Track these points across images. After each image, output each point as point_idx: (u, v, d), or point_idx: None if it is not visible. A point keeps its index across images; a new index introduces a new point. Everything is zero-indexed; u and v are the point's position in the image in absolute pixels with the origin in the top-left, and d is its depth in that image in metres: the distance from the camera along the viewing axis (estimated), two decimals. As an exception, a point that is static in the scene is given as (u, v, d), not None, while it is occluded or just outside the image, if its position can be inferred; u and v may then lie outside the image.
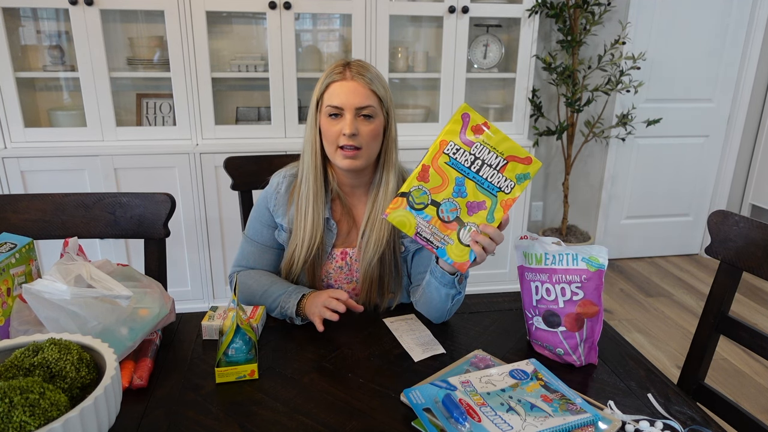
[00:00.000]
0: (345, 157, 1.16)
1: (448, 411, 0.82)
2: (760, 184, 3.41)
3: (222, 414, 0.88)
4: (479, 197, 0.96)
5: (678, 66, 3.15)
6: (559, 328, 1.02)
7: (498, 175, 0.96)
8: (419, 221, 0.98)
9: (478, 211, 0.96)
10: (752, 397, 2.15)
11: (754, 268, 1.07)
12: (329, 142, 1.17)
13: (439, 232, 0.97)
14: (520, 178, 0.96)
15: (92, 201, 1.31)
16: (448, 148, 0.97)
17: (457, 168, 0.96)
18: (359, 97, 1.14)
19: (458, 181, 0.96)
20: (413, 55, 2.72)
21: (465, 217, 0.97)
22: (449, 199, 0.97)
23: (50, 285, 0.89)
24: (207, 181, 2.43)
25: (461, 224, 0.97)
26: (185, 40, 2.36)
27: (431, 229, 0.97)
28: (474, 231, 0.97)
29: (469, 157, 0.96)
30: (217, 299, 2.61)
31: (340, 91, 1.15)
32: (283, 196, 1.26)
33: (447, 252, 0.98)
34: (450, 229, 0.97)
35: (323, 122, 1.18)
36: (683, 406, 0.92)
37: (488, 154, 0.96)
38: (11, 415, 0.62)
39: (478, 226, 0.97)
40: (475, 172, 0.96)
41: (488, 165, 0.96)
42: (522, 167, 0.96)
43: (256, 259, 1.30)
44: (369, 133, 1.16)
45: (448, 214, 0.97)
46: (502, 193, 0.96)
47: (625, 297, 2.99)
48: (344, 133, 1.14)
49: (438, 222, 0.97)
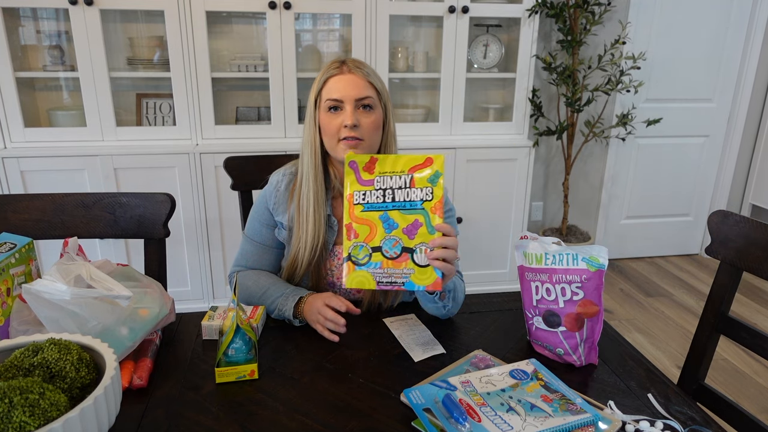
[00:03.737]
0: (348, 147, 1.15)
1: (448, 411, 0.81)
2: (760, 184, 3.41)
3: (222, 414, 0.88)
4: (410, 219, 0.97)
5: (678, 66, 3.15)
6: (559, 328, 1.02)
7: (412, 190, 0.97)
8: (373, 272, 0.98)
9: (417, 230, 0.97)
10: (752, 397, 2.15)
11: (754, 268, 1.07)
12: (330, 135, 1.17)
13: (396, 270, 0.98)
14: (433, 180, 0.97)
15: (92, 201, 1.31)
16: (356, 198, 0.99)
17: (374, 208, 0.98)
18: (358, 89, 1.15)
19: (383, 218, 0.98)
20: (413, 55, 2.72)
21: (410, 243, 0.98)
22: (385, 237, 0.98)
23: (50, 285, 0.89)
24: (207, 181, 2.43)
25: (410, 251, 0.98)
26: (185, 40, 2.36)
27: (387, 272, 0.98)
28: (425, 250, 0.97)
29: (377, 194, 0.98)
30: (217, 299, 2.61)
31: (339, 84, 1.15)
32: (282, 194, 1.26)
33: (414, 282, 0.98)
34: (403, 261, 0.98)
35: (323, 117, 1.18)
36: (683, 406, 0.92)
37: (391, 180, 0.97)
38: (11, 415, 0.62)
39: (426, 243, 0.98)
40: (391, 201, 0.97)
41: (398, 188, 0.97)
42: (428, 170, 0.97)
43: (256, 259, 1.30)
44: (370, 125, 1.16)
45: (393, 251, 0.97)
46: (427, 203, 0.97)
47: (625, 297, 2.99)
48: (345, 124, 1.14)
49: (389, 262, 0.98)
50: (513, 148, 2.67)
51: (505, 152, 2.67)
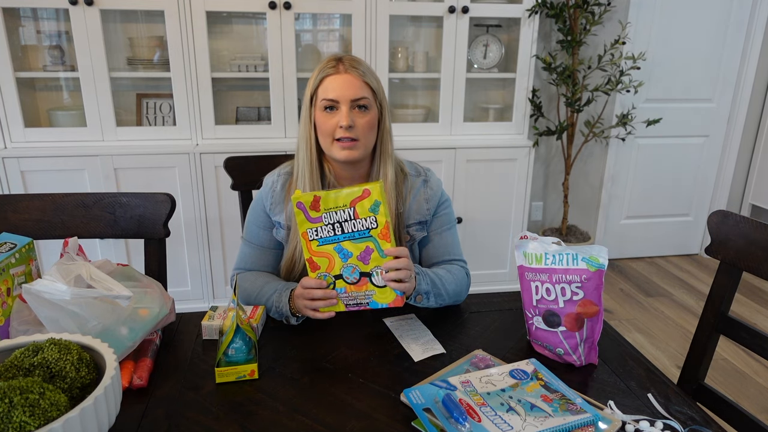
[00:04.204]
0: (343, 148, 1.17)
1: (448, 411, 0.82)
2: (760, 184, 3.41)
3: (222, 414, 0.88)
4: (361, 247, 1.05)
5: (678, 66, 3.15)
6: (559, 328, 1.02)
7: (357, 221, 1.04)
8: (340, 297, 1.07)
9: (370, 256, 1.05)
10: (752, 397, 2.15)
11: (754, 268, 1.07)
12: (325, 135, 1.18)
13: (359, 293, 1.07)
14: (374, 208, 1.03)
15: (92, 201, 1.31)
16: (309, 234, 1.05)
17: (328, 242, 1.05)
18: (354, 89, 1.16)
19: (337, 249, 1.05)
20: (413, 55, 2.72)
21: (366, 268, 1.06)
22: (344, 266, 1.05)
23: (50, 285, 0.89)
24: (207, 181, 2.43)
25: (368, 275, 1.06)
26: (185, 40, 2.36)
27: (351, 295, 1.07)
28: (381, 272, 1.05)
29: (326, 228, 1.05)
30: (217, 299, 2.61)
31: (335, 84, 1.16)
32: (279, 194, 1.27)
33: (376, 301, 1.07)
34: (363, 285, 1.06)
35: (318, 116, 1.18)
36: (683, 406, 0.92)
37: (336, 214, 1.04)
38: (11, 415, 0.62)
39: (380, 267, 1.05)
40: (341, 233, 1.04)
41: (344, 221, 1.04)
42: (368, 200, 1.03)
43: (255, 261, 1.30)
44: (365, 125, 1.18)
45: (353, 277, 1.06)
46: (374, 230, 1.04)
47: (625, 297, 2.99)
48: (341, 125, 1.15)
49: (351, 287, 1.06)
50: (513, 148, 2.67)
51: (505, 152, 2.67)
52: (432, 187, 1.32)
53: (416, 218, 1.29)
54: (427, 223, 1.31)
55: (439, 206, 1.32)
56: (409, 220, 1.29)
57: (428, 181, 1.32)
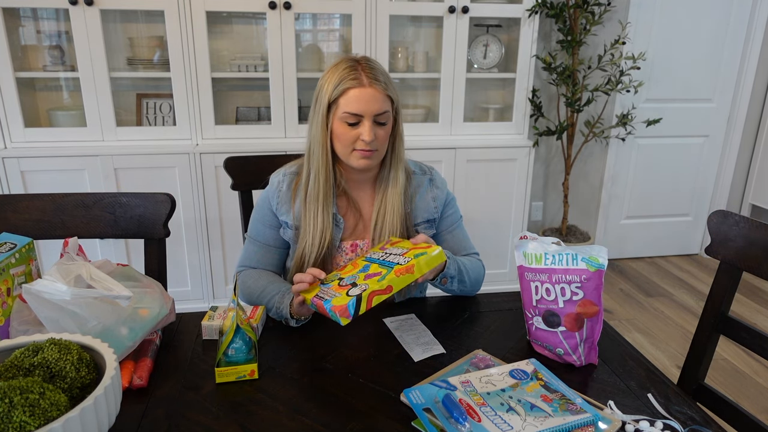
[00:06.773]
0: (361, 158, 1.19)
1: (448, 411, 0.82)
2: (760, 184, 3.41)
3: (222, 414, 0.88)
4: (377, 270, 1.05)
5: (678, 66, 3.15)
6: (559, 328, 1.02)
7: (400, 257, 1.06)
8: (321, 288, 1.07)
9: (372, 277, 1.04)
10: (752, 397, 2.15)
11: (754, 268, 1.07)
12: (345, 144, 1.19)
13: (332, 291, 1.04)
14: (418, 255, 1.04)
15: (92, 201, 1.31)
16: (368, 257, 1.12)
17: (369, 259, 1.11)
18: (378, 104, 1.16)
19: (365, 267, 1.08)
20: (413, 55, 2.72)
21: (359, 282, 1.05)
22: (352, 275, 1.07)
23: (50, 285, 0.89)
24: (207, 181, 2.43)
25: (354, 285, 1.05)
26: (185, 40, 2.36)
27: (327, 291, 1.04)
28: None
29: (380, 253, 1.12)
30: (217, 299, 2.61)
31: (360, 98, 1.15)
32: (285, 194, 1.27)
33: (331, 302, 1.02)
34: (343, 288, 1.03)
35: (338, 126, 1.18)
36: (683, 406, 0.92)
37: (396, 250, 1.10)
38: (11, 415, 0.62)
39: (366, 285, 1.05)
40: (382, 259, 1.09)
41: (394, 254, 1.09)
42: (422, 250, 1.05)
43: (260, 259, 1.31)
44: (384, 136, 1.20)
45: (347, 281, 1.05)
46: (398, 265, 1.04)
47: (625, 297, 2.99)
48: (363, 139, 1.16)
49: (336, 287, 1.05)
50: (513, 148, 2.67)
51: (505, 152, 2.67)
52: (438, 186, 1.34)
53: (424, 216, 1.31)
54: (435, 221, 1.33)
55: (446, 206, 1.35)
56: (417, 219, 1.30)
57: (434, 179, 1.34)
